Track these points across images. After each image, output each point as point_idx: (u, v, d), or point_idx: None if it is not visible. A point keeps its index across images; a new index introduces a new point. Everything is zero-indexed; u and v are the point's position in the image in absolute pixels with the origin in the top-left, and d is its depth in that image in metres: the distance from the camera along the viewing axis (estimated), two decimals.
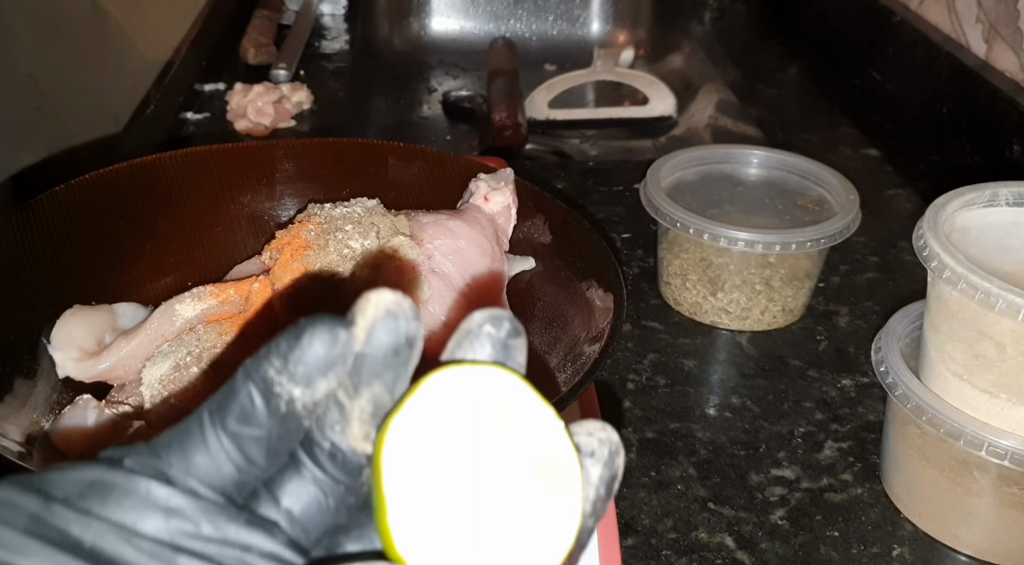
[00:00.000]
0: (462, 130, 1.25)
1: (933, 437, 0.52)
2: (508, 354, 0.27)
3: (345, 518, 0.27)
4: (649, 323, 0.73)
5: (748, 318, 0.72)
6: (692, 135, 1.21)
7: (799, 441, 0.62)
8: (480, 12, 1.47)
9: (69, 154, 0.82)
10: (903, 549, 0.55)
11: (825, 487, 0.59)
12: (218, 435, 0.25)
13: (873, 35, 1.09)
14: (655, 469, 0.60)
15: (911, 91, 0.99)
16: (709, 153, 0.79)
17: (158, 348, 0.52)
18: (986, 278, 0.49)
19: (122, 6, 0.97)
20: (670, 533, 0.55)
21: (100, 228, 0.58)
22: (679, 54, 1.42)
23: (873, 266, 0.81)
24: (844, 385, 0.68)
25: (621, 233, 0.84)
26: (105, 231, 0.59)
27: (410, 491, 0.24)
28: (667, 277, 0.74)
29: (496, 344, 0.27)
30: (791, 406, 0.65)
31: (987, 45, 0.89)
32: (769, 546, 0.55)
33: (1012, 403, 0.50)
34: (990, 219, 0.56)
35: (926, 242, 0.52)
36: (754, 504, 0.57)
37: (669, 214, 0.70)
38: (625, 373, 0.68)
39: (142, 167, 0.61)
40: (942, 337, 0.53)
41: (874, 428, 0.63)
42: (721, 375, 0.69)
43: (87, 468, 0.25)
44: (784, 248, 0.68)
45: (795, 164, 0.77)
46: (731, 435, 0.63)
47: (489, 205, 0.60)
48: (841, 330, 0.73)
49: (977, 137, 0.87)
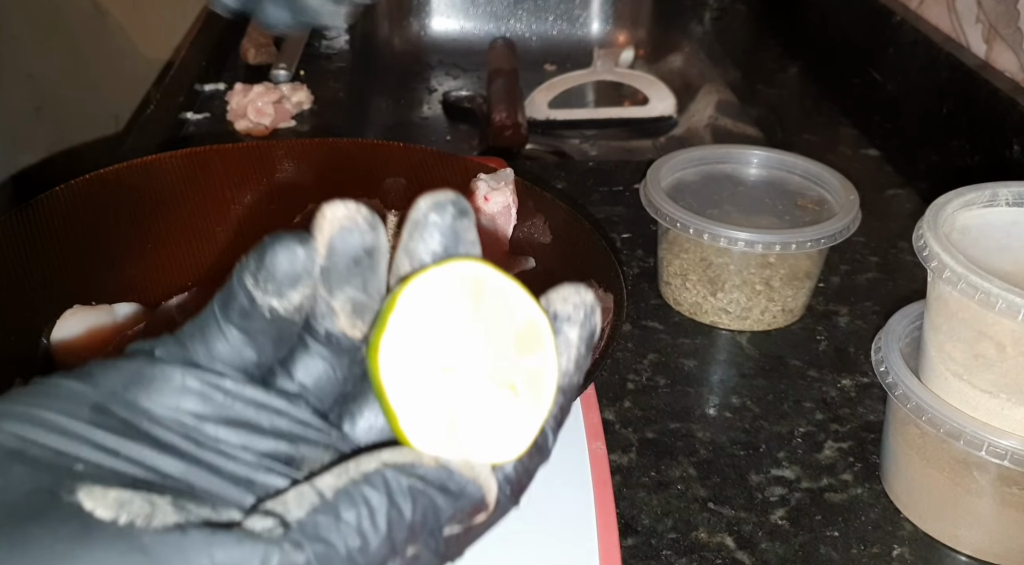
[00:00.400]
0: (462, 130, 1.25)
1: (933, 437, 0.52)
2: (458, 238, 0.29)
3: (351, 387, 0.30)
4: (649, 323, 0.73)
5: (748, 318, 0.72)
6: (692, 135, 1.21)
7: (799, 441, 0.62)
8: (480, 12, 1.47)
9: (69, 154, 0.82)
10: (903, 549, 0.55)
11: (825, 487, 0.59)
12: (228, 328, 0.28)
13: (873, 35, 1.09)
14: (655, 469, 0.60)
15: (911, 91, 0.99)
16: (709, 153, 0.79)
17: None
18: (986, 278, 0.49)
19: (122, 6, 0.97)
20: (670, 533, 0.55)
21: (100, 228, 0.58)
22: (679, 54, 1.42)
23: (873, 266, 0.81)
24: (844, 385, 0.68)
25: (621, 233, 0.84)
26: (105, 231, 0.59)
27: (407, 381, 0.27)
28: (667, 277, 0.74)
29: (444, 231, 0.29)
30: (791, 406, 0.65)
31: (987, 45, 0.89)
32: (769, 546, 0.55)
33: (1012, 403, 0.50)
34: (990, 219, 0.56)
35: (926, 242, 0.52)
36: (754, 504, 0.57)
37: (669, 214, 0.70)
38: (625, 373, 0.68)
39: (142, 167, 0.61)
40: (942, 337, 0.53)
41: (874, 428, 0.63)
42: (721, 375, 0.69)
43: (125, 362, 0.27)
44: (784, 248, 0.68)
45: (795, 164, 0.77)
46: (731, 435, 0.63)
47: (489, 205, 0.60)
48: (841, 330, 0.73)
49: (977, 137, 0.87)
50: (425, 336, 0.27)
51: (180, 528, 0.23)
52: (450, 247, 0.29)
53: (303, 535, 0.24)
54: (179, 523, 0.23)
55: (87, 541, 0.22)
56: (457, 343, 0.28)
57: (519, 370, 0.28)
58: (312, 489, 0.25)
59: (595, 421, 0.60)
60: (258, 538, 0.23)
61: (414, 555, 0.26)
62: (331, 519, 0.24)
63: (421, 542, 0.26)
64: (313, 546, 0.24)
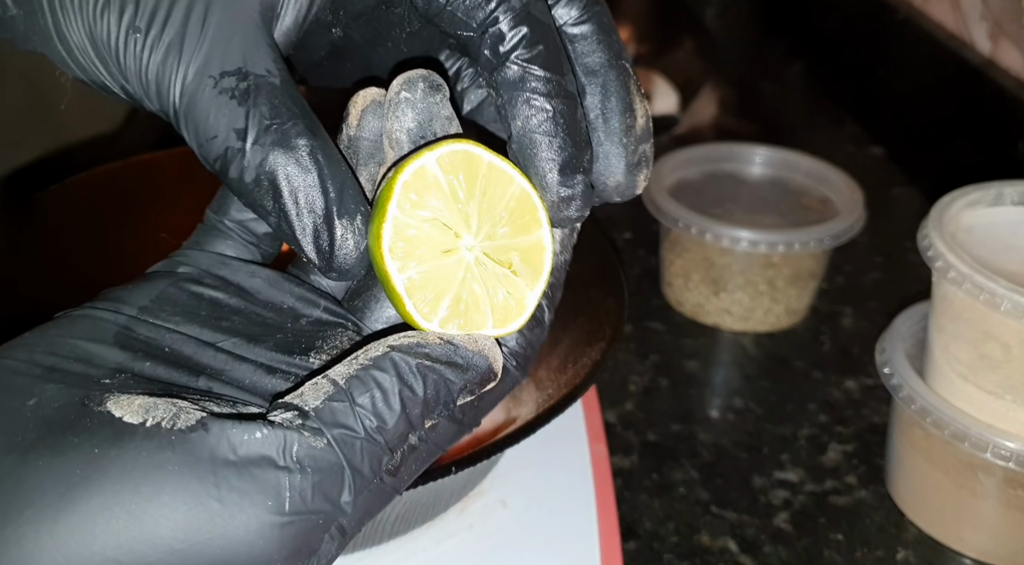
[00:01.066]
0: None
1: (938, 439, 0.52)
2: (431, 114, 0.30)
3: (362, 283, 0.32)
4: (651, 324, 0.73)
5: (751, 319, 0.72)
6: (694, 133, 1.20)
7: (803, 443, 0.62)
8: None
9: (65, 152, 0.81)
10: (907, 552, 0.54)
11: (829, 490, 0.58)
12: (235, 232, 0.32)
13: (877, 33, 1.08)
14: (657, 472, 0.59)
15: (916, 89, 0.98)
16: (712, 152, 0.79)
17: None
18: (991, 278, 0.48)
19: None
20: (672, 537, 0.55)
21: (97, 226, 0.58)
22: (681, 52, 1.42)
23: (877, 266, 0.81)
24: (848, 387, 0.67)
25: (623, 233, 0.84)
26: (102, 229, 0.58)
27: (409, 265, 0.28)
28: (669, 277, 0.74)
29: (416, 107, 0.30)
30: (794, 408, 0.65)
31: (992, 43, 0.89)
32: (772, 550, 0.54)
33: (1018, 404, 0.50)
34: (995, 218, 0.56)
35: (931, 242, 0.52)
36: (757, 507, 0.57)
37: (671, 214, 0.69)
38: (627, 375, 0.67)
39: (138, 165, 0.60)
40: (947, 338, 0.52)
41: (878, 430, 0.63)
42: (724, 377, 0.69)
43: (146, 283, 0.30)
44: (788, 248, 0.67)
45: (799, 163, 0.77)
46: (734, 437, 0.62)
47: None
48: (845, 331, 0.73)
49: (982, 136, 0.86)
50: (423, 220, 0.28)
51: (203, 424, 0.24)
52: (424, 124, 0.30)
53: (321, 421, 0.25)
54: (202, 420, 0.25)
55: (119, 444, 0.24)
56: (454, 225, 0.29)
57: (515, 247, 0.30)
58: (326, 380, 0.26)
59: (596, 423, 0.59)
60: (278, 427, 0.25)
61: (432, 426, 0.28)
62: (346, 404, 0.26)
63: (437, 414, 0.28)
64: (331, 431, 0.25)
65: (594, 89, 0.31)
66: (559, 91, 0.29)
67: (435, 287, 0.29)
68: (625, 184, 0.31)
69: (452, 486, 0.50)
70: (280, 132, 0.28)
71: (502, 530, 0.52)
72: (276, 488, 0.24)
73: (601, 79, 0.31)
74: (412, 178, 0.28)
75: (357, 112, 0.30)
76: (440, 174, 0.28)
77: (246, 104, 0.28)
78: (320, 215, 0.29)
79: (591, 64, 0.31)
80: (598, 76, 0.31)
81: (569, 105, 0.29)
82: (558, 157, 0.29)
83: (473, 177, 0.29)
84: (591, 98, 0.31)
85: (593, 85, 0.31)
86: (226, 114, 0.28)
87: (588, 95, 0.31)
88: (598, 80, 0.31)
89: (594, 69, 0.31)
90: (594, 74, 0.31)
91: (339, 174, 0.29)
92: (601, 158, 0.31)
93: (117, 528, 0.23)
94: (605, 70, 0.31)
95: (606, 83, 0.31)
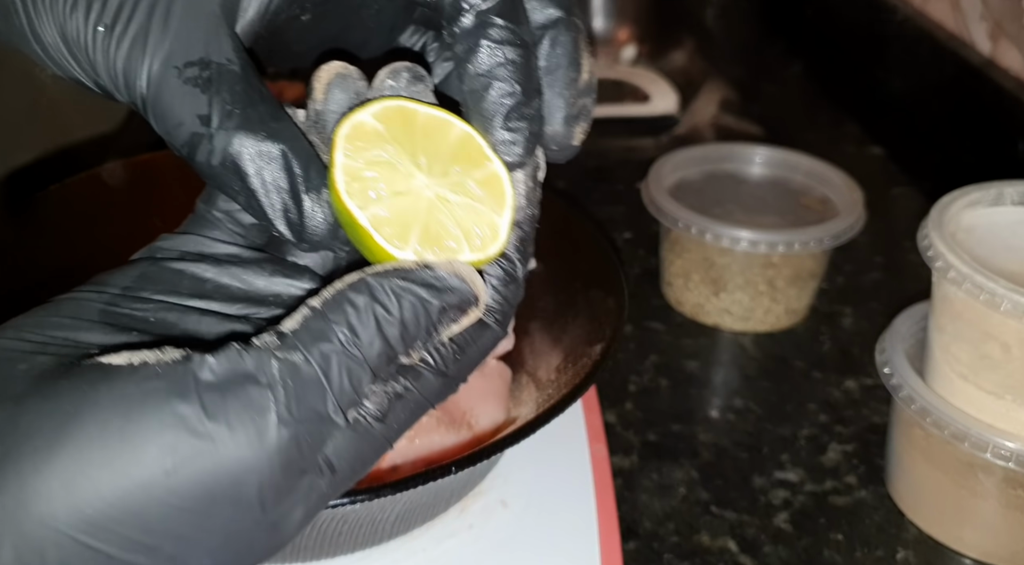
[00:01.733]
0: None
1: (938, 439, 0.52)
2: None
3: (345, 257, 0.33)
4: (651, 324, 0.73)
5: (751, 319, 0.72)
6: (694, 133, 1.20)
7: (803, 443, 0.62)
8: None
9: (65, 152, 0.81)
10: (907, 552, 0.54)
11: (829, 490, 0.58)
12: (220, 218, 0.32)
13: (877, 32, 1.08)
14: (657, 472, 0.59)
15: (915, 89, 0.98)
16: (712, 152, 0.78)
17: None
18: (991, 278, 0.48)
19: None
20: (672, 537, 0.55)
21: (96, 227, 0.58)
22: (681, 51, 1.42)
23: (877, 266, 0.81)
24: (848, 387, 0.67)
25: (622, 233, 0.84)
26: (101, 230, 0.58)
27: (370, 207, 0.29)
28: (669, 277, 0.74)
29: (400, 95, 0.31)
30: (794, 408, 0.65)
31: (992, 42, 0.89)
32: (772, 550, 0.54)
33: (1018, 404, 0.50)
34: (995, 218, 0.56)
35: (931, 242, 0.52)
36: (757, 507, 0.57)
37: (671, 214, 0.69)
38: (627, 375, 0.67)
39: (138, 165, 0.60)
40: (947, 338, 0.52)
41: (878, 430, 0.63)
42: (724, 377, 0.69)
43: (131, 267, 0.31)
44: (788, 248, 0.67)
45: (798, 163, 0.77)
46: (734, 437, 0.62)
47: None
48: (845, 331, 0.73)
49: (982, 135, 0.86)
50: (373, 163, 0.29)
51: (186, 356, 0.26)
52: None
53: (297, 340, 0.26)
54: (185, 353, 0.26)
55: (108, 380, 0.25)
56: (405, 167, 0.30)
57: (472, 179, 0.30)
58: (304, 306, 0.27)
59: (596, 423, 0.59)
60: (255, 349, 0.26)
61: (421, 360, 0.28)
62: (321, 323, 0.27)
63: (420, 342, 0.28)
64: (306, 346, 0.26)
65: (543, 42, 0.32)
66: (514, 39, 0.30)
67: (401, 221, 0.29)
68: (562, 134, 0.32)
69: (452, 486, 0.50)
70: (243, 116, 0.29)
71: (502, 530, 0.52)
72: (260, 403, 0.25)
73: (551, 32, 0.32)
74: (352, 131, 0.29)
75: (323, 86, 0.31)
76: (379, 125, 0.30)
77: (208, 91, 0.29)
78: (287, 191, 0.30)
79: (542, 19, 0.32)
80: (548, 29, 0.32)
81: (523, 54, 0.31)
82: (508, 101, 0.30)
83: (411, 126, 0.30)
84: (540, 50, 0.32)
85: (543, 38, 0.32)
86: (190, 102, 0.29)
87: (538, 47, 0.32)
88: (549, 33, 0.32)
89: (545, 23, 0.32)
90: (544, 28, 0.32)
91: (302, 151, 0.30)
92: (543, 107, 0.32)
93: (111, 454, 0.24)
94: (555, 24, 0.32)
95: (556, 36, 0.32)
